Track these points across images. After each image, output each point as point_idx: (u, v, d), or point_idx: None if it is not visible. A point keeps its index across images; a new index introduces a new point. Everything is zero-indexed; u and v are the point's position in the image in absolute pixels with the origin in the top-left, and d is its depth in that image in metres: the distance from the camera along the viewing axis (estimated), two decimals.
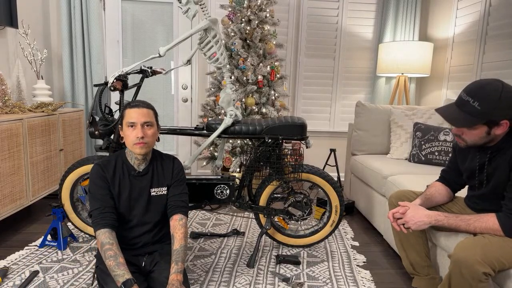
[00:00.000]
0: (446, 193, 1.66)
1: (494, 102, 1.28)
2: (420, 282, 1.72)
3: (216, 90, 3.28)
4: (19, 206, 2.35)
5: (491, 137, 1.37)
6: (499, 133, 1.34)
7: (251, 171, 2.10)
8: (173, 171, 1.64)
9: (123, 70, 1.91)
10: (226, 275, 1.92)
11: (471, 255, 1.25)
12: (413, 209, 1.50)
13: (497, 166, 1.40)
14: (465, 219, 1.40)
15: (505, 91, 1.28)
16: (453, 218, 1.42)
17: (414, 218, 1.47)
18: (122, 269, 1.35)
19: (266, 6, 3.16)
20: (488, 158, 1.43)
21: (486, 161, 1.43)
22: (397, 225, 1.53)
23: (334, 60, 3.92)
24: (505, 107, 1.28)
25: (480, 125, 1.33)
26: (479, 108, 1.30)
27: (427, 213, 1.47)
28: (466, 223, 1.40)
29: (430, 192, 1.65)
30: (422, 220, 1.46)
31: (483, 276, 1.23)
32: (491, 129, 1.34)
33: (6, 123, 2.19)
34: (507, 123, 1.31)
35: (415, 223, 1.47)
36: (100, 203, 1.48)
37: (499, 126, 1.32)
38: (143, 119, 1.50)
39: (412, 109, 2.92)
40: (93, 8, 3.39)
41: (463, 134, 1.40)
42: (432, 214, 1.46)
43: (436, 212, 1.47)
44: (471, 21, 3.10)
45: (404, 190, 1.78)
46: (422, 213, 1.47)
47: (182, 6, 1.93)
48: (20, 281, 1.79)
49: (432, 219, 1.45)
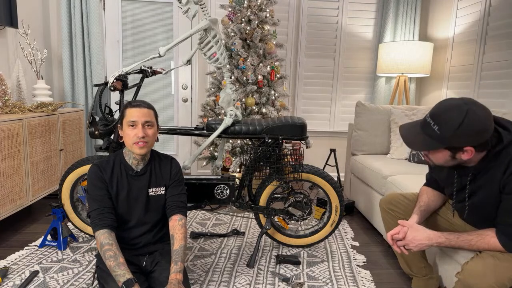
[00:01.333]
0: (438, 197, 1.60)
1: (453, 129, 1.19)
2: (418, 283, 1.71)
3: (216, 90, 3.28)
4: (19, 206, 2.35)
5: (459, 161, 1.29)
6: (465, 158, 1.26)
7: (251, 171, 2.10)
8: (171, 171, 1.64)
9: (123, 70, 1.91)
10: (226, 275, 1.92)
11: (483, 281, 1.21)
12: (413, 230, 1.43)
13: (480, 186, 1.33)
14: (466, 240, 1.35)
15: (468, 119, 1.18)
16: (454, 240, 1.37)
17: (414, 241, 1.41)
18: (122, 269, 1.35)
19: (266, 6, 3.16)
20: (469, 180, 1.36)
21: (468, 183, 1.36)
22: (397, 247, 1.48)
23: (334, 60, 3.92)
24: (465, 135, 1.19)
25: (441, 149, 1.27)
26: (438, 132, 1.23)
27: (427, 235, 1.41)
28: (468, 243, 1.35)
29: (424, 202, 1.58)
30: (422, 242, 1.40)
31: None
32: (455, 154, 1.26)
33: (6, 123, 2.19)
34: (472, 150, 1.23)
35: (416, 246, 1.42)
36: (99, 204, 1.48)
37: (463, 152, 1.24)
38: (144, 118, 1.50)
39: (412, 109, 2.92)
40: (93, 8, 3.39)
41: (429, 154, 1.34)
42: (433, 237, 1.40)
43: (437, 233, 1.41)
44: (471, 21, 3.10)
45: (394, 193, 1.74)
46: (422, 236, 1.41)
47: (182, 6, 1.93)
48: (20, 281, 1.79)
49: (433, 241, 1.40)
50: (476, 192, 1.34)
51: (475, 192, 1.35)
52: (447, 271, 1.65)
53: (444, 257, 1.68)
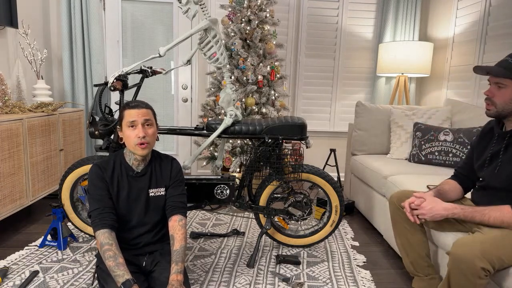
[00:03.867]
0: (458, 191, 1.68)
1: None
2: (420, 283, 1.71)
3: (216, 90, 3.28)
4: (19, 206, 2.35)
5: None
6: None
7: (251, 171, 2.10)
8: (172, 172, 1.64)
9: (123, 70, 1.91)
10: (226, 275, 1.92)
11: (469, 251, 1.25)
12: (430, 201, 1.50)
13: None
14: (480, 210, 1.42)
15: None
16: (468, 210, 1.44)
17: (432, 211, 1.48)
18: (122, 270, 1.35)
19: (266, 6, 3.16)
20: (505, 145, 1.46)
21: (503, 147, 1.46)
22: (412, 216, 1.54)
23: (334, 60, 3.92)
24: None
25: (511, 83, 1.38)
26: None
27: (445, 206, 1.47)
28: (481, 213, 1.41)
29: (443, 188, 1.66)
30: (439, 212, 1.47)
31: (482, 272, 1.23)
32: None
33: (6, 123, 2.19)
34: None
35: (432, 215, 1.48)
36: (99, 203, 1.48)
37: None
38: (143, 117, 1.50)
39: (412, 109, 2.92)
40: (93, 8, 3.39)
41: (493, 96, 1.44)
42: (450, 207, 1.47)
43: (453, 204, 1.48)
44: (471, 21, 3.10)
45: (406, 190, 1.78)
46: (440, 206, 1.48)
47: (182, 6, 1.93)
48: (20, 281, 1.79)
49: (449, 212, 1.46)
50: (510, 162, 1.44)
51: (508, 162, 1.44)
52: None
53: (446, 257, 1.68)
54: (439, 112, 2.84)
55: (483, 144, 1.60)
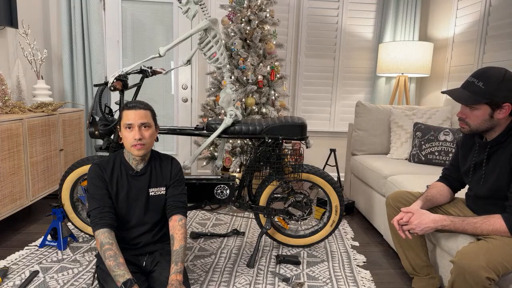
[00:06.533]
0: (447, 194, 1.66)
1: (497, 83, 1.34)
2: (419, 282, 1.71)
3: (216, 90, 3.28)
4: (19, 206, 2.35)
5: (494, 123, 1.40)
6: (501, 117, 1.37)
7: (251, 171, 2.10)
8: (172, 171, 1.64)
9: (123, 70, 1.91)
10: (226, 275, 1.92)
11: (474, 261, 1.24)
12: (418, 215, 1.48)
13: (496, 163, 1.41)
14: (471, 223, 1.39)
15: (508, 75, 1.35)
16: (459, 222, 1.41)
17: (420, 224, 1.46)
18: (122, 269, 1.35)
19: (266, 6, 3.16)
20: (486, 155, 1.44)
21: (485, 158, 1.45)
22: (403, 232, 1.52)
23: (334, 60, 3.92)
24: (507, 89, 1.34)
25: (483, 105, 1.38)
26: (483, 87, 1.36)
27: (433, 218, 1.45)
28: (473, 226, 1.39)
29: (431, 193, 1.64)
30: (428, 225, 1.45)
31: (487, 282, 1.21)
32: (494, 112, 1.38)
33: (6, 123, 2.19)
34: (509, 107, 1.36)
35: (422, 229, 1.46)
36: (99, 203, 1.48)
37: (501, 109, 1.37)
38: (140, 120, 1.50)
39: (412, 109, 2.92)
40: (93, 8, 3.39)
41: (466, 118, 1.44)
42: (438, 219, 1.44)
43: (442, 216, 1.45)
44: (471, 21, 3.10)
45: (401, 191, 1.77)
46: (428, 218, 1.46)
47: (182, 6, 1.93)
48: (20, 281, 1.79)
49: (438, 224, 1.44)
50: (493, 170, 1.43)
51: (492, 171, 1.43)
52: (448, 271, 1.65)
53: (445, 257, 1.68)
54: (439, 112, 2.84)
55: (466, 148, 1.59)
